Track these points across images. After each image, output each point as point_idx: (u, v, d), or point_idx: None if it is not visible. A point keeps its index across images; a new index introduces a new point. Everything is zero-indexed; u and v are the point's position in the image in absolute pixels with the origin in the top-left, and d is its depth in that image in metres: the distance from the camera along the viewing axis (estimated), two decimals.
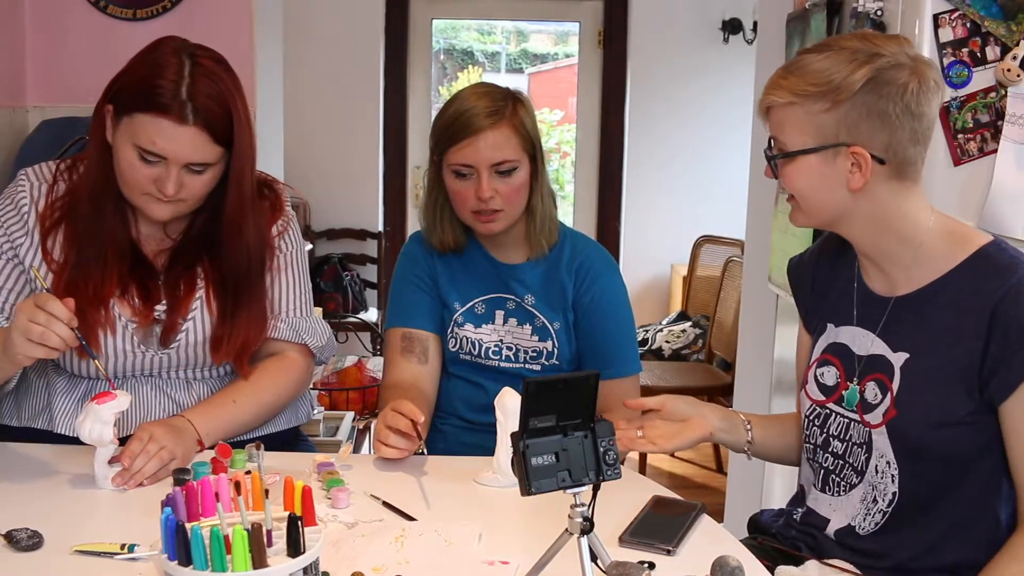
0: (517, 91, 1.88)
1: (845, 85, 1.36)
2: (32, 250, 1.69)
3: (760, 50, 3.08)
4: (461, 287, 1.94)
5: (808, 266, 1.64)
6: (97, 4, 3.03)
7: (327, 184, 5.20)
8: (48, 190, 1.71)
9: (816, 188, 1.42)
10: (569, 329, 1.91)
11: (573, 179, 5.59)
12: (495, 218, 1.83)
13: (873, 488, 1.46)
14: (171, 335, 1.72)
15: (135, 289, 1.71)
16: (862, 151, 1.37)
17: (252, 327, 1.74)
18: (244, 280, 1.73)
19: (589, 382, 1.14)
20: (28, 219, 1.70)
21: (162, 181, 1.60)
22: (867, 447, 1.46)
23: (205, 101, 1.58)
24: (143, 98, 1.57)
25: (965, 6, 1.76)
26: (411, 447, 1.63)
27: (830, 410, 1.52)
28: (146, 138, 1.58)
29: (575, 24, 5.50)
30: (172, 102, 1.56)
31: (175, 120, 1.57)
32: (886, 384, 1.44)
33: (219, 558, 1.06)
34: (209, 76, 1.60)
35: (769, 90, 1.44)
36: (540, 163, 1.88)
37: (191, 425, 1.64)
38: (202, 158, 1.61)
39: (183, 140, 1.58)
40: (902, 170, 1.40)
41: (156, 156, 1.59)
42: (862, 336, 1.49)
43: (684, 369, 4.46)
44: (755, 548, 1.50)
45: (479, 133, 1.79)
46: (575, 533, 1.13)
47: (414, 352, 1.91)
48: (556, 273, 1.92)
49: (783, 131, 1.43)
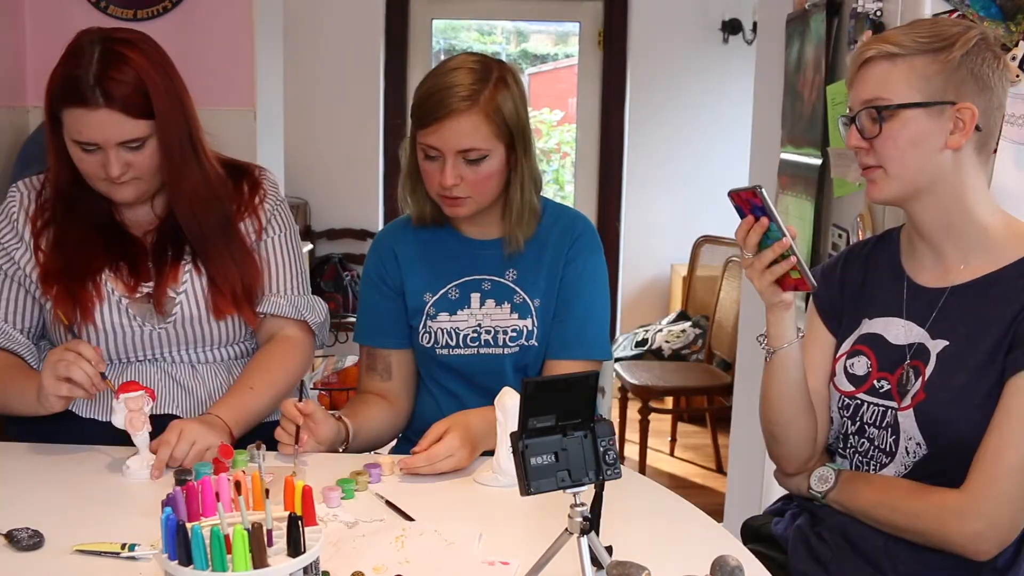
0: (507, 68, 1.77)
1: (957, 42, 1.39)
2: (27, 252, 1.78)
3: (760, 50, 3.08)
4: (432, 275, 1.87)
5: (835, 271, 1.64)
6: (97, 4, 3.03)
7: (327, 184, 5.20)
8: (36, 195, 1.81)
9: (918, 145, 1.42)
10: (549, 308, 1.84)
11: (573, 179, 5.59)
12: (460, 203, 1.77)
13: (905, 468, 1.47)
14: (164, 304, 1.77)
15: (126, 267, 1.78)
16: (971, 107, 1.39)
17: (244, 272, 1.80)
18: (200, 233, 1.78)
19: (589, 382, 1.14)
20: (18, 224, 1.79)
21: (107, 165, 1.68)
22: (894, 429, 1.47)
23: (113, 83, 1.65)
24: (63, 93, 1.67)
25: (964, 6, 1.76)
26: (295, 449, 1.63)
27: (861, 400, 1.53)
28: (75, 130, 1.67)
29: (575, 24, 5.50)
30: (84, 90, 1.64)
31: (89, 107, 1.64)
32: (920, 369, 1.46)
33: (219, 558, 1.06)
34: (118, 58, 1.67)
35: (874, 43, 1.44)
36: (521, 150, 1.77)
37: (219, 419, 1.68)
38: (127, 135, 1.67)
39: (100, 123, 1.65)
40: (986, 142, 1.44)
41: (91, 144, 1.67)
42: (901, 326, 1.51)
43: (684, 369, 4.46)
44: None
45: (448, 118, 1.69)
46: (575, 533, 1.13)
47: (376, 370, 1.91)
48: (542, 245, 1.85)
49: (886, 85, 1.42)
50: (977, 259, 1.46)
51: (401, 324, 1.90)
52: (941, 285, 1.49)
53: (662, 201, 5.37)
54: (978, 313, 1.43)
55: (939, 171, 1.43)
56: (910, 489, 1.45)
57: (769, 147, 2.75)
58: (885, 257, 1.58)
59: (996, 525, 1.37)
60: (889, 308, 1.54)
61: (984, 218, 1.46)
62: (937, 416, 1.42)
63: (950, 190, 1.44)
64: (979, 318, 1.43)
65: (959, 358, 1.43)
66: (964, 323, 1.44)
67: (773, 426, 1.58)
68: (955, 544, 1.39)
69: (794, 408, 1.55)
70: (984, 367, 1.40)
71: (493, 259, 1.86)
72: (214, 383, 1.83)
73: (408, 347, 1.91)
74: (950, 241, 1.48)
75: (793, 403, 1.55)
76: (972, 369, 1.41)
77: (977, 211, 1.46)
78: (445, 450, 1.60)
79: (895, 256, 1.57)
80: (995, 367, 1.39)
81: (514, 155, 1.78)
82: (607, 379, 1.92)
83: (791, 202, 2.50)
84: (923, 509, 1.41)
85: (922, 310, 1.49)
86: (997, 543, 1.38)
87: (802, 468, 1.59)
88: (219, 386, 1.83)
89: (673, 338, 4.83)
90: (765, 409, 1.59)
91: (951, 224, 1.46)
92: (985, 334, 1.41)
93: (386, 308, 1.90)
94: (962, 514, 1.37)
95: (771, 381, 1.55)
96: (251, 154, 2.95)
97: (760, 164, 2.91)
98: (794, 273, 1.44)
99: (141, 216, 1.82)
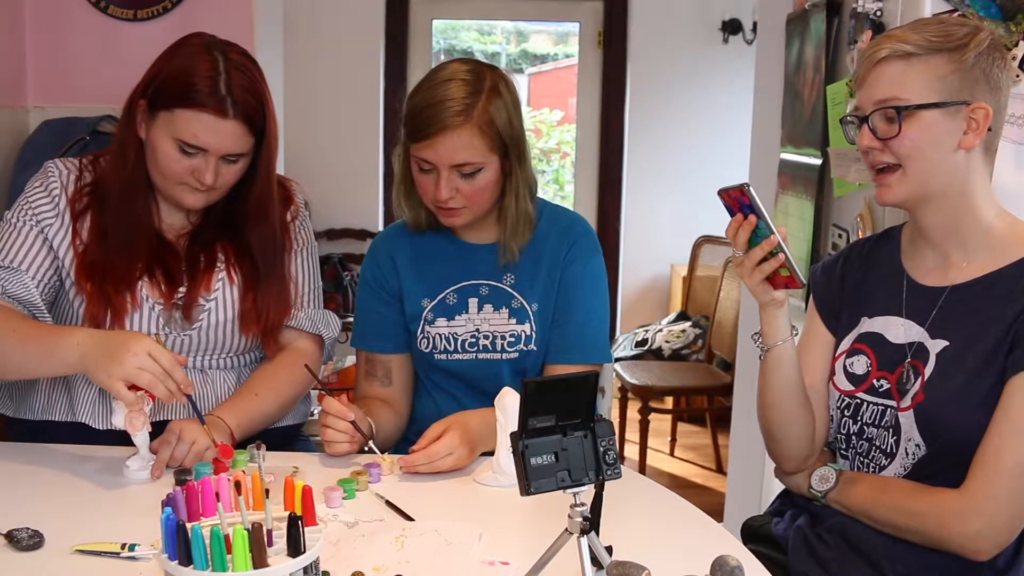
0: (499, 75, 1.76)
1: (971, 43, 1.40)
2: (63, 231, 1.74)
3: (760, 50, 3.08)
4: (430, 280, 1.86)
5: (835, 268, 1.64)
6: (97, 4, 3.02)
7: (327, 184, 5.19)
8: (76, 179, 1.78)
9: (934, 145, 1.42)
10: (548, 312, 1.84)
11: (573, 179, 5.59)
12: (456, 214, 1.76)
13: (904, 469, 1.47)
14: (193, 310, 1.76)
15: (160, 274, 1.76)
16: (985, 107, 1.40)
17: (280, 304, 1.81)
18: (271, 259, 1.80)
19: (589, 382, 1.14)
20: (59, 202, 1.75)
21: (200, 172, 1.67)
22: (895, 430, 1.47)
23: (242, 95, 1.65)
24: (182, 94, 1.64)
25: (964, 6, 1.76)
26: (354, 438, 1.65)
27: (861, 399, 1.53)
28: (188, 132, 1.64)
29: (575, 24, 5.50)
30: (212, 97, 1.63)
31: (217, 114, 1.64)
32: (919, 369, 1.46)
33: (219, 558, 1.06)
34: (242, 70, 1.67)
35: (886, 42, 1.43)
36: (515, 159, 1.76)
37: (221, 420, 1.68)
38: (240, 149, 1.69)
39: (225, 133, 1.65)
40: (993, 142, 1.45)
41: (196, 148, 1.66)
42: (900, 325, 1.51)
43: (684, 369, 4.46)
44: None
45: (441, 134, 1.68)
46: (575, 533, 1.13)
47: (376, 375, 1.91)
48: (539, 249, 1.84)
49: (904, 85, 1.41)
50: (979, 259, 1.46)
51: (400, 329, 1.89)
52: (941, 284, 1.49)
53: (662, 201, 5.37)
54: (978, 313, 1.43)
55: (952, 171, 1.43)
56: (910, 489, 1.45)
57: (769, 147, 2.75)
58: (886, 255, 1.58)
59: (995, 525, 1.37)
60: (889, 307, 1.54)
61: (988, 218, 1.46)
62: (936, 416, 1.42)
63: (958, 190, 1.44)
64: (979, 318, 1.43)
65: (958, 358, 1.43)
66: (964, 323, 1.44)
67: (770, 424, 1.59)
68: (955, 544, 1.39)
69: (791, 406, 1.55)
70: (984, 367, 1.40)
71: (490, 263, 1.85)
72: (223, 388, 1.82)
73: (407, 351, 1.91)
74: (955, 242, 1.48)
75: (790, 401, 1.55)
76: (971, 369, 1.41)
77: (982, 211, 1.46)
78: (444, 448, 1.60)
79: (895, 254, 1.57)
80: (995, 367, 1.39)
81: (508, 164, 1.77)
82: (607, 379, 1.92)
83: (791, 202, 2.50)
84: (923, 509, 1.41)
85: (922, 309, 1.49)
86: (996, 543, 1.38)
87: (801, 467, 1.59)
88: (227, 391, 1.82)
89: (673, 338, 4.83)
90: (762, 407, 1.59)
91: (957, 225, 1.47)
92: (985, 334, 1.41)
93: (384, 313, 1.89)
94: (962, 514, 1.37)
95: (767, 379, 1.56)
96: None
97: (760, 164, 2.91)
98: (784, 271, 1.44)
99: (176, 220, 1.81)
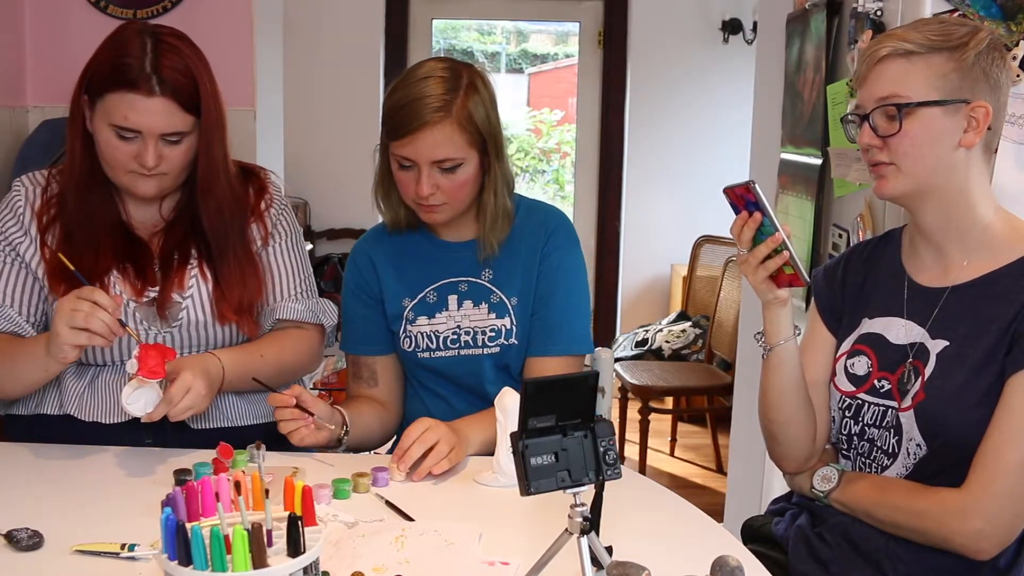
0: (475, 72, 1.77)
1: (971, 42, 1.40)
2: (32, 246, 1.76)
3: (760, 50, 3.08)
4: (409, 280, 1.88)
5: (836, 272, 1.64)
6: (97, 4, 3.03)
7: (327, 184, 5.20)
8: (42, 191, 1.79)
9: (933, 143, 1.42)
10: (527, 306, 1.84)
11: (573, 179, 5.59)
12: (437, 210, 1.78)
13: (906, 469, 1.47)
14: (168, 308, 1.76)
15: (132, 270, 1.77)
16: (985, 105, 1.40)
17: (248, 285, 1.81)
18: (223, 238, 1.79)
19: (589, 382, 1.14)
20: (24, 218, 1.77)
21: (141, 156, 1.67)
22: (896, 430, 1.47)
23: (170, 72, 1.66)
24: (111, 78, 1.65)
25: (965, 6, 1.76)
26: (307, 421, 1.63)
27: (862, 400, 1.53)
28: (119, 115, 1.65)
29: (575, 24, 5.50)
30: (139, 76, 1.64)
31: (143, 93, 1.64)
32: (920, 369, 1.46)
33: (219, 558, 1.06)
34: (172, 49, 1.68)
35: (887, 40, 1.44)
36: (494, 154, 1.78)
37: (218, 360, 1.71)
38: (174, 127, 1.68)
39: (153, 111, 1.65)
40: (993, 141, 1.46)
41: (132, 131, 1.66)
42: (901, 326, 1.51)
43: (684, 369, 4.46)
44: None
45: (421, 130, 1.69)
46: (575, 533, 1.13)
47: (362, 377, 1.92)
48: (516, 243, 1.85)
49: (905, 83, 1.42)
50: (979, 258, 1.46)
51: (382, 331, 1.90)
52: (942, 285, 1.49)
53: (662, 201, 5.37)
54: (978, 312, 1.43)
55: (951, 169, 1.43)
56: (911, 489, 1.45)
57: (769, 147, 2.75)
58: (887, 256, 1.59)
59: (996, 524, 1.37)
60: (889, 308, 1.54)
61: (987, 217, 1.46)
62: (937, 416, 1.42)
63: (957, 188, 1.45)
64: (979, 317, 1.43)
65: (958, 358, 1.43)
66: (964, 323, 1.44)
67: (772, 424, 1.59)
68: (956, 543, 1.39)
69: (792, 406, 1.55)
70: (984, 366, 1.40)
71: (468, 260, 1.86)
72: None
73: (391, 352, 1.92)
74: (953, 240, 1.48)
75: (791, 401, 1.55)
76: (971, 369, 1.41)
77: (980, 210, 1.46)
78: (433, 436, 1.61)
79: (896, 255, 1.57)
80: (995, 366, 1.39)
81: (487, 159, 1.78)
82: (607, 379, 1.92)
83: (791, 202, 2.50)
84: (924, 508, 1.41)
85: (922, 310, 1.49)
86: (998, 542, 1.38)
87: (802, 467, 1.59)
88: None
89: (673, 338, 4.83)
90: (763, 407, 1.59)
91: (955, 223, 1.47)
92: (985, 333, 1.41)
93: (366, 316, 1.91)
94: (962, 513, 1.37)
95: (769, 378, 1.56)
96: (251, 154, 2.95)
97: (760, 164, 2.91)
98: (788, 269, 1.44)
99: (148, 217, 1.81)
